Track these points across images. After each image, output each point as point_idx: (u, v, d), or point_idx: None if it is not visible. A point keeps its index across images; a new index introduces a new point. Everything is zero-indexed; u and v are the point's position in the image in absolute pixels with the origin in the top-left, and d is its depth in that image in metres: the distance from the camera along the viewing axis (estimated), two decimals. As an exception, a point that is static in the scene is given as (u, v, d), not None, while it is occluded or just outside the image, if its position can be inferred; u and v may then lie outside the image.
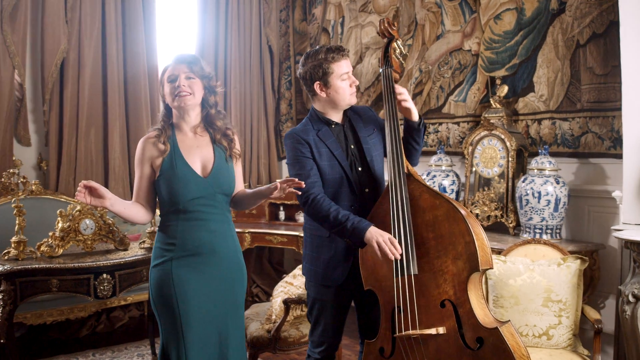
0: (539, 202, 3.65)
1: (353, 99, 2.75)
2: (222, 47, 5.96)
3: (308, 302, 2.88)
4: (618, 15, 3.24)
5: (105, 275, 3.53)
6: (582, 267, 3.12)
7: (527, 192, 3.71)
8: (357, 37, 5.44)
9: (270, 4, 6.25)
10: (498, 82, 4.21)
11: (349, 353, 4.34)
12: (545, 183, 3.66)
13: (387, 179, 2.68)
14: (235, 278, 2.65)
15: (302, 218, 5.00)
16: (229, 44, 6.00)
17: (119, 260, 3.58)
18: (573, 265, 3.10)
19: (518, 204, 3.81)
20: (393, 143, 2.66)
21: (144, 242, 3.89)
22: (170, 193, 2.51)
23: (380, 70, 2.85)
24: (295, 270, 3.88)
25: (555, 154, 3.89)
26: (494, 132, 4.04)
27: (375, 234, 2.51)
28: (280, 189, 2.48)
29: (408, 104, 2.70)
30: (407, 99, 2.70)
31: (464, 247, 2.46)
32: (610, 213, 3.67)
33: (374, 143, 2.80)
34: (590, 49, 3.71)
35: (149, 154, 2.55)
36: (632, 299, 2.94)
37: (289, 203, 5.66)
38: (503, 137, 3.99)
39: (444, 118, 4.65)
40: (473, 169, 4.24)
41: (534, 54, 4.01)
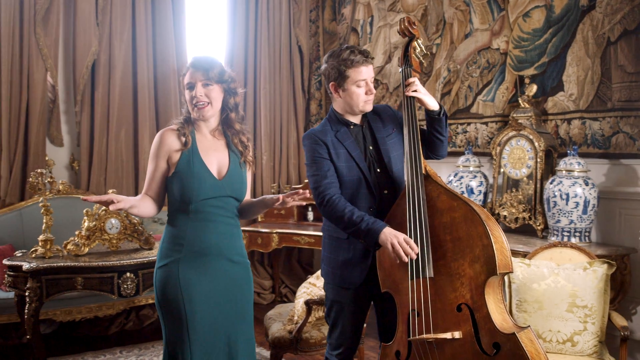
0: (567, 204, 3.55)
1: (367, 107, 2.69)
2: (251, 47, 5.99)
3: (326, 304, 2.86)
4: (650, 11, 3.14)
5: (129, 274, 3.57)
6: (609, 271, 3.02)
7: (554, 193, 3.62)
8: (385, 36, 5.39)
9: (300, 5, 6.25)
10: (527, 81, 4.11)
11: (374, 355, 4.31)
12: (574, 184, 3.56)
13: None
14: (243, 281, 2.63)
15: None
16: (259, 45, 6.02)
17: (142, 260, 3.62)
18: (600, 270, 3.00)
19: (546, 206, 3.71)
20: (411, 143, 2.62)
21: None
22: (184, 191, 2.48)
23: (400, 70, 2.81)
24: (319, 272, 3.86)
25: (585, 155, 3.78)
26: (522, 132, 3.95)
27: (390, 235, 2.46)
28: (282, 202, 2.48)
29: (419, 94, 2.63)
30: (417, 89, 2.63)
31: (482, 250, 2.41)
32: (643, 216, 3.55)
33: (393, 144, 2.75)
34: (622, 46, 3.60)
35: (168, 147, 2.51)
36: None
37: (317, 203, 5.64)
38: (531, 137, 3.90)
39: (472, 118, 4.57)
40: (501, 170, 4.15)
41: (564, 52, 3.90)
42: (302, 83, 6.37)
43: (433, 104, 2.65)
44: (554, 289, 2.98)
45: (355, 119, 2.74)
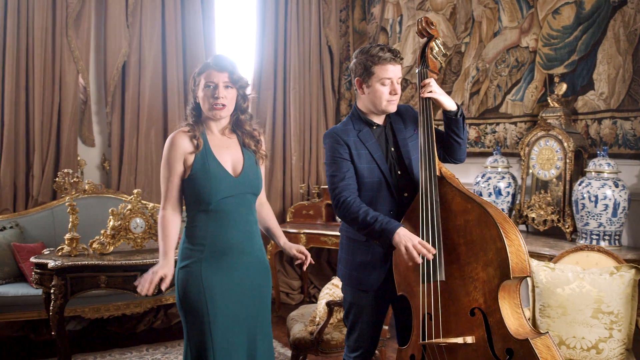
0: (596, 206, 3.43)
1: (390, 107, 2.63)
2: (281, 48, 5.99)
3: (344, 306, 2.83)
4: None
5: (152, 273, 3.60)
6: (637, 276, 2.90)
7: (583, 195, 3.50)
8: (415, 35, 5.32)
9: (330, 4, 6.22)
10: (556, 79, 3.99)
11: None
12: (603, 186, 3.43)
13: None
14: (262, 279, 2.64)
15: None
16: (288, 45, 6.02)
17: (164, 259, 3.65)
18: (627, 275, 2.89)
19: (574, 208, 3.60)
20: (425, 145, 2.57)
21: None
22: (202, 192, 2.48)
23: (417, 71, 2.76)
24: (341, 273, 3.82)
25: (616, 156, 3.65)
26: (551, 132, 3.84)
27: (404, 238, 2.42)
28: (292, 254, 2.75)
29: (435, 95, 2.57)
30: (433, 89, 2.57)
31: (495, 253, 2.34)
32: (677, 219, 3.41)
33: (414, 145, 2.70)
34: (655, 43, 3.46)
35: (183, 150, 2.50)
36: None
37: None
38: (560, 137, 3.78)
39: (501, 118, 4.46)
40: (529, 171, 4.04)
41: (594, 50, 3.77)
42: (332, 83, 6.35)
43: (450, 104, 2.59)
44: (579, 294, 2.88)
45: (379, 120, 2.70)
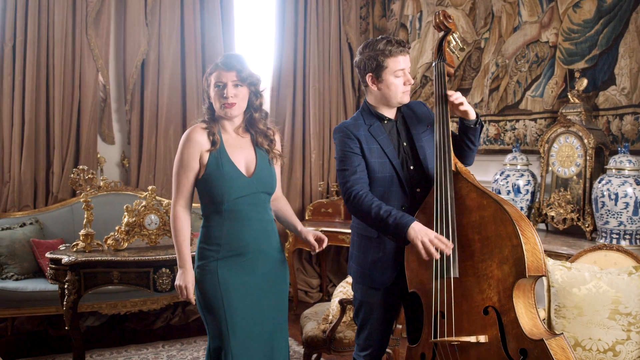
0: (616, 204, 3.35)
1: (405, 98, 2.62)
2: (300, 45, 5.97)
3: (354, 304, 2.80)
4: None
5: (164, 269, 3.62)
6: (658, 277, 2.81)
7: (603, 193, 3.42)
8: (435, 32, 5.25)
9: (350, 2, 6.17)
10: (577, 75, 3.91)
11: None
12: (624, 184, 3.35)
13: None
14: (279, 277, 2.64)
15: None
16: (308, 43, 5.99)
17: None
18: (647, 275, 2.80)
19: (594, 207, 3.52)
20: (441, 139, 2.53)
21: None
22: (215, 192, 2.49)
23: (433, 64, 2.73)
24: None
25: (638, 152, 3.55)
26: (571, 128, 3.76)
27: (420, 232, 2.36)
28: (308, 240, 2.67)
29: (464, 107, 2.55)
30: (462, 102, 2.55)
31: (511, 250, 2.30)
32: (701, 218, 3.30)
33: (428, 140, 2.67)
34: (679, 36, 3.36)
35: (200, 146, 2.50)
36: None
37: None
38: (581, 134, 3.70)
39: (521, 114, 4.38)
40: (549, 169, 3.96)
41: (616, 44, 3.68)
42: (352, 80, 6.30)
43: (473, 114, 2.58)
44: (595, 295, 2.81)
45: (390, 114, 2.66)
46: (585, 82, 3.82)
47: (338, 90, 6.21)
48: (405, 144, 2.65)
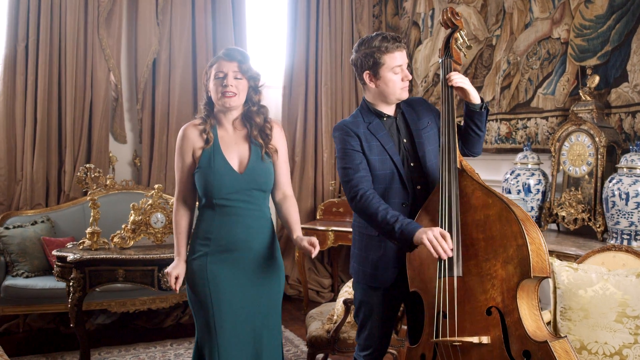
0: (627, 204, 3.28)
1: (404, 94, 2.59)
2: (312, 44, 5.95)
3: (355, 303, 2.78)
4: None
5: (168, 268, 3.61)
6: (668, 278, 2.74)
7: (613, 193, 3.34)
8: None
9: (362, 0, 6.15)
10: (589, 72, 3.84)
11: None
12: (635, 183, 3.27)
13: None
14: (271, 276, 2.62)
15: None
16: (320, 41, 5.97)
17: (183, 254, 3.65)
18: (657, 277, 2.73)
19: (604, 207, 3.44)
20: (446, 137, 2.49)
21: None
22: (206, 187, 2.51)
23: (439, 61, 2.69)
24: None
25: (651, 151, 3.48)
26: (582, 127, 3.69)
27: (425, 231, 2.32)
28: (302, 247, 2.56)
29: (465, 85, 2.51)
30: (460, 79, 2.51)
31: (516, 250, 2.25)
32: None
33: (428, 137, 2.63)
34: (693, 32, 3.28)
35: (192, 142, 2.54)
36: None
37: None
38: (592, 132, 3.63)
39: (533, 113, 4.32)
40: (560, 168, 3.90)
41: (628, 39, 3.60)
42: (363, 79, 6.26)
43: (476, 96, 2.54)
44: (602, 297, 2.74)
45: (389, 110, 2.64)
46: (597, 79, 3.75)
47: (350, 89, 6.18)
48: (405, 141, 2.62)
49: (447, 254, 2.30)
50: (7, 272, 4.46)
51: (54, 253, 3.67)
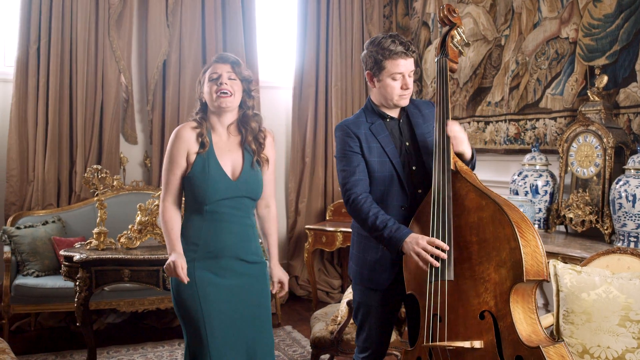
0: (634, 206, 3.21)
1: (402, 102, 2.57)
2: (323, 45, 5.94)
3: (353, 305, 2.77)
4: None
5: (174, 268, 3.63)
6: (672, 282, 2.68)
7: (620, 194, 3.29)
8: (457, 31, 5.15)
9: (373, 0, 6.12)
10: (597, 71, 3.77)
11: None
12: (642, 185, 3.21)
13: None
14: (257, 284, 2.61)
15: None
16: (330, 42, 5.96)
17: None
18: (661, 280, 2.68)
19: (611, 208, 3.38)
20: (440, 138, 2.47)
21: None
22: (198, 192, 2.48)
23: (435, 60, 2.67)
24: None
25: (659, 152, 3.40)
26: (590, 127, 3.63)
27: (412, 243, 2.34)
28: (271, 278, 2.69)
29: (463, 147, 2.48)
30: (463, 139, 2.48)
31: (509, 253, 2.23)
32: None
33: (432, 141, 2.61)
34: (702, 31, 3.20)
35: (187, 145, 2.49)
36: None
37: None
38: (600, 133, 3.57)
39: (541, 113, 4.26)
40: (568, 169, 3.84)
41: (637, 38, 3.53)
42: (374, 80, 6.23)
43: (468, 151, 2.53)
44: (605, 300, 2.69)
45: (392, 112, 2.62)
46: (606, 79, 3.68)
47: (360, 90, 6.16)
48: (408, 144, 2.61)
49: (436, 263, 2.29)
50: (18, 271, 4.53)
51: (61, 253, 3.72)
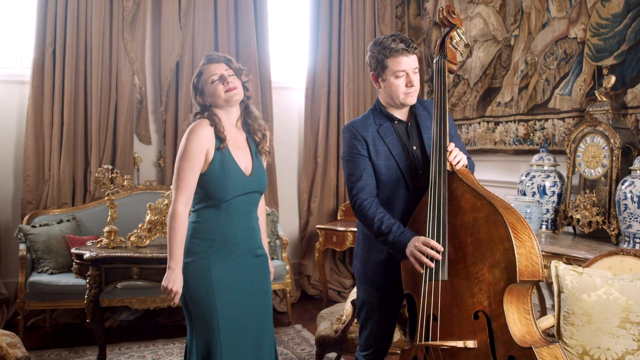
0: (639, 207, 3.19)
1: (408, 100, 2.56)
2: (335, 45, 5.97)
3: (357, 303, 2.80)
4: None
5: (182, 267, 3.69)
6: (673, 284, 2.66)
7: (625, 195, 3.26)
8: (466, 29, 5.15)
9: (385, 1, 6.13)
10: (605, 72, 3.74)
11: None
12: (647, 186, 3.19)
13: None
14: (263, 275, 2.66)
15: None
16: (342, 42, 5.98)
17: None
18: (662, 282, 2.66)
19: (617, 209, 3.36)
20: (438, 139, 2.48)
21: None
22: (217, 189, 2.49)
23: (434, 61, 2.67)
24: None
25: (666, 153, 3.38)
26: (597, 128, 3.60)
27: (410, 245, 2.39)
28: None
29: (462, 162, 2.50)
30: (458, 157, 2.48)
31: (502, 254, 2.24)
32: None
33: None
34: None
35: (207, 143, 2.47)
36: None
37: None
38: (607, 133, 3.54)
39: (550, 113, 4.24)
40: (575, 170, 3.82)
41: (644, 39, 3.51)
42: (387, 80, 6.24)
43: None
44: (605, 302, 2.68)
45: (400, 114, 2.62)
46: (613, 79, 3.65)
47: (372, 90, 6.17)
48: (415, 148, 2.60)
49: (430, 264, 2.32)
50: (33, 268, 4.64)
51: (72, 251, 3.80)
